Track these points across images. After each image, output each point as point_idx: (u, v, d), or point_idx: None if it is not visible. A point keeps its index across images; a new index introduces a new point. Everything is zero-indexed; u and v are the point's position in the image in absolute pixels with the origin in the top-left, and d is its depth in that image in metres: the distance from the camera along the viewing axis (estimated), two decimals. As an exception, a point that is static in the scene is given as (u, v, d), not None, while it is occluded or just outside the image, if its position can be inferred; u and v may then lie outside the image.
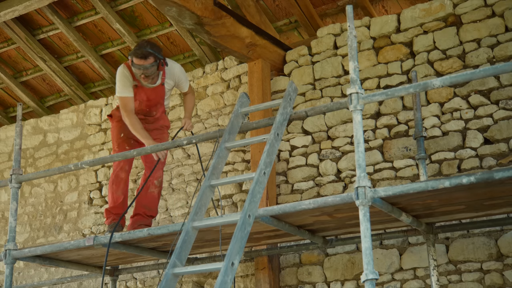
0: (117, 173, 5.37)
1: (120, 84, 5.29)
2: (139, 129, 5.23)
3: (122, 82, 5.29)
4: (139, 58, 5.09)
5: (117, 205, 5.35)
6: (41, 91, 8.52)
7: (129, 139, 5.44)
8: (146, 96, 5.39)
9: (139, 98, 5.38)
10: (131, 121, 5.25)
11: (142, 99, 5.38)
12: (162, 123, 5.63)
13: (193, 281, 6.45)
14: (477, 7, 5.66)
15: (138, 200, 5.43)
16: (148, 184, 5.45)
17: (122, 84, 5.28)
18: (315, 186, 6.04)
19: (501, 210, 4.60)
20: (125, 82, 5.28)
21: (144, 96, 5.38)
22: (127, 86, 5.28)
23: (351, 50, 3.97)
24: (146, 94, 5.38)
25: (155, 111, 5.53)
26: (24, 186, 7.87)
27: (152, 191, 5.47)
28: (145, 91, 5.37)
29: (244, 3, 6.47)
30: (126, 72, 5.31)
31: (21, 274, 7.65)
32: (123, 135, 5.46)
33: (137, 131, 5.23)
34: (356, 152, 3.76)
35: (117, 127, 5.50)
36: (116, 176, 5.37)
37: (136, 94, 5.35)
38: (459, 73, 3.77)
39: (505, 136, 5.30)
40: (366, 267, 3.53)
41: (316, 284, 5.81)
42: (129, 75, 5.30)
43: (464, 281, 5.17)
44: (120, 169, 5.37)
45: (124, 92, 5.28)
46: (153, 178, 5.47)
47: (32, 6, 6.73)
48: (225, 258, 3.69)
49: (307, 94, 6.31)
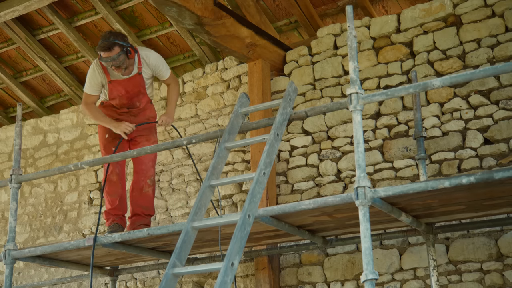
0: (108, 176, 5.36)
1: (88, 81, 5.43)
2: (100, 117, 5.37)
3: (89, 80, 5.42)
4: (104, 51, 5.08)
5: (115, 206, 5.35)
6: (41, 91, 8.52)
7: (115, 139, 5.43)
8: (124, 89, 5.38)
9: (117, 92, 5.39)
10: (90, 112, 5.38)
11: (120, 93, 5.39)
12: (149, 113, 5.59)
13: (193, 281, 6.45)
14: (477, 7, 5.65)
15: (134, 201, 5.43)
16: (142, 184, 5.45)
17: (89, 82, 5.42)
18: (315, 186, 6.04)
19: (501, 210, 4.60)
20: (92, 80, 5.40)
21: (122, 89, 5.38)
22: (92, 85, 5.40)
23: (351, 50, 3.97)
24: (124, 87, 5.37)
25: (138, 101, 5.50)
26: (24, 186, 7.87)
27: (147, 190, 5.47)
28: (122, 84, 5.35)
29: (244, 3, 6.47)
30: (98, 69, 5.36)
31: (21, 274, 7.65)
32: (107, 136, 5.47)
33: (99, 119, 5.37)
34: (356, 152, 3.76)
35: (102, 127, 5.53)
36: (108, 179, 5.36)
37: (112, 89, 5.39)
38: (459, 73, 3.77)
39: (505, 136, 5.30)
40: (366, 267, 3.53)
41: (316, 284, 5.81)
42: (100, 72, 5.35)
43: (464, 281, 5.17)
44: (110, 172, 5.38)
45: (89, 89, 5.42)
46: (146, 177, 5.47)
47: (32, 6, 6.72)
48: (225, 258, 3.69)
49: (307, 94, 6.31)
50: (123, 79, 5.35)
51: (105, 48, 5.07)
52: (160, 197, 6.91)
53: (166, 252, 5.53)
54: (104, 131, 5.50)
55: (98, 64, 5.32)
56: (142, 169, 5.47)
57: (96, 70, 5.35)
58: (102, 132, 5.53)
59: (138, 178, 5.47)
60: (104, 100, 5.56)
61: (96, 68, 5.34)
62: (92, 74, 5.38)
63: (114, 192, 5.35)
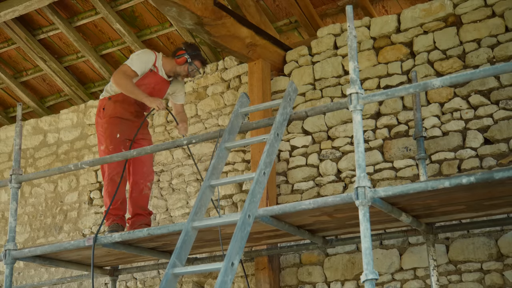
0: (112, 177, 5.29)
1: (137, 59, 5.42)
2: (135, 90, 5.27)
3: (140, 59, 5.42)
4: (202, 64, 5.60)
5: (116, 206, 5.33)
6: (41, 91, 8.52)
7: (125, 140, 5.37)
8: (154, 84, 5.49)
9: (147, 81, 5.44)
10: (127, 82, 5.27)
11: (150, 85, 5.45)
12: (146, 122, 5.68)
13: (193, 281, 6.45)
14: (477, 7, 5.65)
15: (134, 202, 5.43)
16: (142, 186, 5.45)
17: (139, 60, 5.41)
18: (315, 186, 6.04)
19: (501, 210, 4.60)
20: (143, 61, 5.42)
21: (153, 82, 5.48)
22: (141, 67, 5.39)
23: (351, 50, 3.97)
24: (155, 82, 5.49)
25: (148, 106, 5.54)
26: (24, 186, 7.87)
27: (146, 192, 5.48)
28: (156, 79, 5.48)
29: (244, 3, 6.47)
30: (152, 57, 5.47)
31: (21, 274, 7.65)
32: (119, 136, 5.37)
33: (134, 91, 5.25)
34: (356, 152, 3.76)
35: (113, 124, 5.38)
36: (111, 179, 5.29)
37: (147, 77, 5.44)
38: (459, 73, 3.77)
39: (505, 136, 5.30)
40: (366, 267, 3.53)
41: (316, 284, 5.81)
42: (152, 61, 5.46)
43: (464, 281, 5.17)
44: (116, 173, 5.29)
45: (135, 66, 5.36)
46: (146, 180, 5.48)
47: (32, 6, 6.73)
48: (225, 258, 3.69)
49: (307, 94, 6.31)
50: (161, 77, 5.52)
51: (204, 63, 5.63)
52: (160, 197, 6.91)
53: (166, 252, 5.53)
54: (114, 127, 5.37)
55: (153, 54, 5.50)
56: (143, 171, 5.46)
57: (151, 56, 5.48)
58: (112, 127, 5.38)
59: (137, 180, 5.45)
60: (112, 96, 5.48)
61: (151, 55, 5.49)
62: (146, 56, 5.47)
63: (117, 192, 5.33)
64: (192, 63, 5.50)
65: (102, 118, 5.44)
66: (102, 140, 5.42)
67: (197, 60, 5.54)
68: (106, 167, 5.36)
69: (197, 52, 5.56)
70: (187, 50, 5.52)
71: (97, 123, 5.51)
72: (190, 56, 5.49)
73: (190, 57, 5.49)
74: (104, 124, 5.41)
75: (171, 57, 5.60)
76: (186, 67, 5.53)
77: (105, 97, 5.51)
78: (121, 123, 5.39)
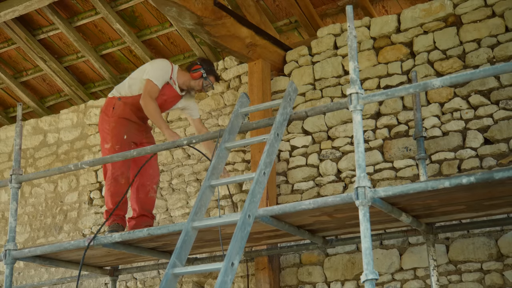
0: (116, 177, 5.25)
1: (158, 72, 5.38)
2: (160, 118, 5.25)
3: (161, 72, 5.40)
4: (216, 80, 5.66)
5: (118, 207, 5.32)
6: (41, 91, 8.52)
7: (130, 143, 5.37)
8: (165, 98, 5.48)
9: (161, 93, 5.43)
10: (154, 107, 5.25)
11: (162, 96, 5.44)
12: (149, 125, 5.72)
13: (193, 281, 6.45)
14: (477, 7, 5.66)
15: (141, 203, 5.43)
16: (148, 188, 5.45)
17: (160, 74, 5.38)
18: (315, 186, 6.04)
19: (501, 210, 4.60)
20: (163, 74, 5.41)
21: (165, 95, 5.47)
22: (162, 79, 5.39)
23: (351, 50, 3.97)
24: (167, 95, 5.48)
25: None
26: (24, 186, 7.87)
27: (152, 195, 5.49)
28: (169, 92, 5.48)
29: (244, 3, 6.47)
30: (169, 69, 5.47)
31: (21, 274, 7.65)
32: (126, 137, 5.35)
33: (158, 119, 5.24)
34: (356, 152, 3.76)
35: (121, 125, 5.36)
36: (114, 179, 5.26)
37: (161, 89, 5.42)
38: (459, 73, 3.77)
39: (505, 136, 5.30)
40: (366, 267, 3.53)
41: (316, 284, 5.81)
42: (169, 73, 5.46)
43: (464, 281, 5.17)
44: (120, 174, 5.27)
45: (158, 80, 5.35)
46: (153, 182, 5.48)
47: (32, 6, 6.73)
48: (225, 258, 3.69)
49: (307, 94, 6.31)
50: (175, 91, 5.53)
51: (218, 79, 5.70)
52: (160, 197, 6.91)
53: (166, 252, 5.53)
54: (122, 128, 5.35)
55: (170, 66, 5.50)
56: (149, 173, 5.45)
57: (169, 68, 5.49)
58: (120, 128, 5.35)
59: (144, 182, 5.43)
60: (122, 97, 5.44)
61: (169, 67, 5.48)
62: (166, 68, 5.46)
63: (119, 193, 5.29)
64: (207, 78, 5.53)
65: (110, 117, 5.40)
66: (107, 139, 5.36)
67: (212, 76, 5.58)
68: (109, 166, 5.32)
69: (212, 67, 5.60)
70: (203, 65, 5.55)
71: (103, 121, 5.44)
72: (206, 71, 5.53)
73: (205, 72, 5.53)
74: (111, 123, 5.37)
75: (185, 71, 5.62)
76: (201, 82, 5.55)
77: (115, 96, 5.47)
78: (129, 125, 5.39)
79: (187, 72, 5.60)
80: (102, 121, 5.46)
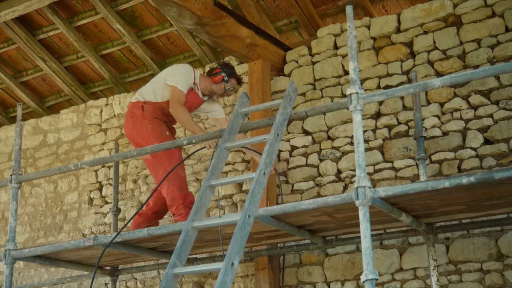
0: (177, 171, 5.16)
1: (183, 78, 5.35)
2: (192, 122, 5.21)
3: (185, 78, 5.36)
4: (238, 83, 5.64)
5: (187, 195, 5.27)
6: (41, 91, 8.52)
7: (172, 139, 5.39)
8: (190, 104, 5.45)
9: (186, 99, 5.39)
10: (185, 113, 5.22)
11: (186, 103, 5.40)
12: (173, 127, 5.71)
13: (193, 281, 6.45)
14: (477, 7, 5.66)
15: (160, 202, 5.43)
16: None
17: (185, 80, 5.36)
18: (315, 186, 6.04)
19: (501, 210, 4.60)
20: (188, 79, 5.39)
21: (190, 100, 5.45)
22: (187, 84, 5.37)
23: (351, 50, 3.97)
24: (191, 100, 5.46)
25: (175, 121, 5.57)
26: (24, 186, 7.87)
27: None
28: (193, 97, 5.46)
29: (244, 3, 6.47)
30: (192, 74, 5.44)
31: (21, 274, 7.65)
32: (168, 133, 5.39)
33: (191, 124, 5.19)
34: (356, 152, 3.76)
35: (158, 124, 5.35)
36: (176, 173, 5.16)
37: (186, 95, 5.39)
38: (459, 73, 3.77)
39: (505, 136, 5.30)
40: (366, 267, 3.53)
41: (316, 284, 5.81)
42: (193, 79, 5.44)
43: (464, 281, 5.17)
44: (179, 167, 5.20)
45: (183, 86, 5.33)
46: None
47: (32, 6, 6.73)
48: (225, 258, 3.69)
49: (307, 94, 6.31)
50: (198, 96, 5.52)
51: (240, 83, 5.68)
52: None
53: (166, 252, 5.53)
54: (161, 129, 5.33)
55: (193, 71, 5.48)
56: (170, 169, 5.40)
57: (192, 73, 5.46)
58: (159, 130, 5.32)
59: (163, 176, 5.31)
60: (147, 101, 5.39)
61: (192, 73, 5.46)
62: (189, 74, 5.43)
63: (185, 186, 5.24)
64: (228, 81, 5.54)
65: (143, 119, 5.34)
66: (149, 140, 5.27)
67: (234, 78, 5.60)
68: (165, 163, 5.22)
69: (233, 70, 5.61)
70: (223, 69, 5.56)
71: (137, 125, 5.35)
72: (227, 74, 5.54)
73: (227, 75, 5.54)
74: (148, 125, 5.34)
75: (206, 76, 5.63)
76: (223, 86, 5.55)
77: (139, 101, 5.42)
78: (163, 124, 5.41)
79: (208, 77, 5.61)
80: (135, 126, 5.36)
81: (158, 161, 5.25)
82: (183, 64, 5.63)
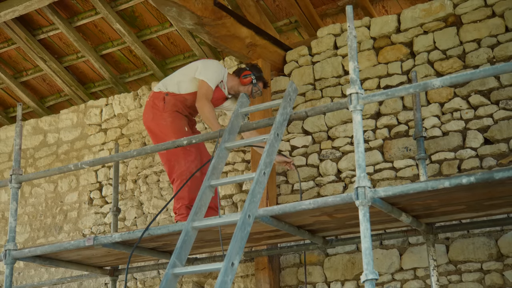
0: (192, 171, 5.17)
1: (214, 75, 5.37)
2: (215, 120, 5.19)
3: (216, 75, 5.38)
4: (264, 87, 5.69)
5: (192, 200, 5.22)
6: (41, 91, 8.52)
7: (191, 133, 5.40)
8: (214, 100, 5.46)
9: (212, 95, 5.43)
10: (211, 110, 5.23)
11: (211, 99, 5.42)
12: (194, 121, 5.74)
13: (193, 281, 6.45)
14: (477, 7, 5.66)
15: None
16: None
17: (216, 77, 5.38)
18: (315, 186, 6.04)
19: (501, 210, 4.60)
20: (218, 76, 5.41)
21: (214, 98, 5.46)
22: (217, 81, 5.39)
23: (351, 50, 3.97)
24: (216, 96, 5.48)
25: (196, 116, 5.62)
26: (24, 186, 7.87)
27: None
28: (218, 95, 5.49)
29: (244, 3, 6.47)
30: (222, 72, 5.47)
31: (21, 274, 7.65)
32: (187, 129, 5.39)
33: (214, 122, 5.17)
34: (356, 152, 3.76)
35: (178, 118, 5.36)
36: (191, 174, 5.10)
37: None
38: (459, 73, 3.77)
39: (505, 136, 5.30)
40: (366, 267, 3.53)
41: (316, 284, 5.81)
42: (221, 77, 5.46)
43: (464, 281, 5.17)
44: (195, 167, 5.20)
45: (213, 83, 5.34)
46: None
47: (32, 6, 6.73)
48: (225, 258, 3.69)
49: (307, 94, 6.31)
50: (223, 94, 5.54)
51: (266, 86, 5.73)
52: (160, 197, 6.91)
53: (166, 252, 5.53)
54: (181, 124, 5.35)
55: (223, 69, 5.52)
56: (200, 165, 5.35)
57: (222, 71, 5.49)
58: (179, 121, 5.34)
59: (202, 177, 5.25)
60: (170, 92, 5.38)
61: (222, 69, 5.49)
62: (220, 70, 5.46)
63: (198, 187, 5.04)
64: (256, 84, 5.57)
65: (164, 112, 5.35)
66: (167, 133, 5.28)
67: (261, 82, 5.63)
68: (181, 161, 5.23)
69: (261, 74, 5.64)
70: (253, 71, 5.58)
71: (156, 117, 5.35)
72: (256, 77, 5.57)
73: (255, 78, 5.56)
74: (167, 118, 5.34)
75: (234, 75, 5.64)
76: (250, 88, 5.57)
77: (162, 91, 5.43)
78: (184, 118, 5.42)
79: (236, 77, 5.62)
80: (155, 117, 5.37)
81: (175, 158, 5.27)
82: (215, 60, 5.68)
